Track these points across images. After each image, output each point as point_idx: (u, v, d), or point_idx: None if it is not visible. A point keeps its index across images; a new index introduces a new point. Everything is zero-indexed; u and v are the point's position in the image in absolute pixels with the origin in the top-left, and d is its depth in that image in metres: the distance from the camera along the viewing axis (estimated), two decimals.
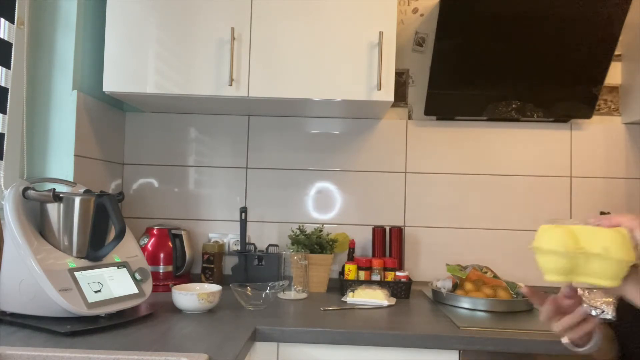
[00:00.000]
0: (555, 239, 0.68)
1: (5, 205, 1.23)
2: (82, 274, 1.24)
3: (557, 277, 0.70)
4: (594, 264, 0.67)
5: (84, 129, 1.65)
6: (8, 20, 1.46)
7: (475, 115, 1.92)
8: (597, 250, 0.66)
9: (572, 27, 1.72)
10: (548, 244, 0.69)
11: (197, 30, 1.61)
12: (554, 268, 0.69)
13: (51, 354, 1.00)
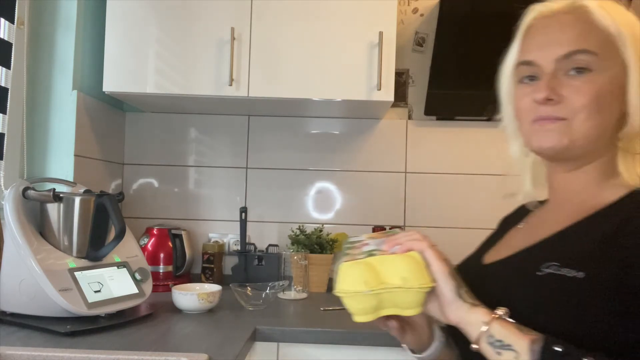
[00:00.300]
0: (358, 279, 0.66)
1: (5, 205, 1.23)
2: (82, 274, 1.24)
3: (367, 317, 0.68)
4: (397, 296, 0.66)
5: (84, 129, 1.65)
6: (8, 20, 1.46)
7: (475, 115, 1.92)
8: (397, 282, 0.65)
9: None
10: (352, 286, 0.66)
11: (197, 30, 1.61)
12: (362, 309, 0.67)
13: (51, 354, 1.00)
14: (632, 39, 0.71)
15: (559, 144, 0.71)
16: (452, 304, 0.65)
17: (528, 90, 0.75)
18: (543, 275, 0.66)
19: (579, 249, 0.66)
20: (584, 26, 0.71)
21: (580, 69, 0.70)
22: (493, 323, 0.63)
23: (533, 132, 0.74)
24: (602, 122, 0.70)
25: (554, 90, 0.70)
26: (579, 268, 0.63)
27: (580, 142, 0.71)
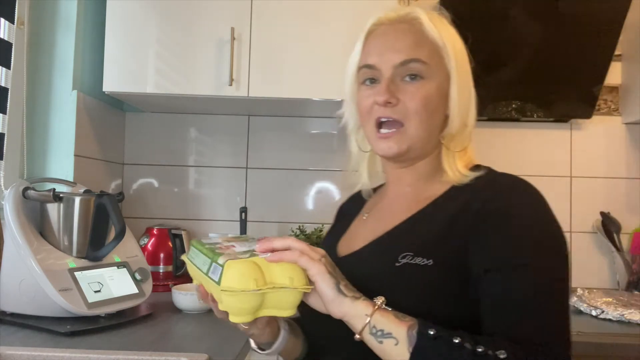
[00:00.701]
0: (248, 277, 0.63)
1: (5, 205, 1.23)
2: (82, 274, 1.24)
3: (245, 318, 0.66)
4: (280, 296, 0.65)
5: (84, 129, 1.65)
6: (8, 20, 1.46)
7: None
8: (285, 282, 0.65)
9: (572, 27, 1.72)
10: (241, 284, 0.63)
11: (197, 30, 1.61)
12: (244, 308, 0.65)
13: (51, 354, 1.00)
14: (453, 51, 0.84)
15: (400, 150, 0.81)
16: (334, 300, 0.67)
17: (370, 92, 0.83)
18: (400, 265, 0.72)
19: (426, 238, 0.74)
20: (417, 36, 0.81)
21: (413, 75, 0.80)
22: (375, 314, 0.66)
23: (378, 140, 0.82)
24: (431, 124, 0.82)
25: (392, 94, 0.79)
26: (428, 256, 0.71)
27: (417, 144, 0.82)
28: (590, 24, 1.71)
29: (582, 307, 1.48)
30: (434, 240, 0.73)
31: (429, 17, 0.83)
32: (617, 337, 1.24)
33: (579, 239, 1.93)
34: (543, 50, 1.76)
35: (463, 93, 0.85)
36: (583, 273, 1.92)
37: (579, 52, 1.76)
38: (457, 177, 0.81)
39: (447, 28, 0.85)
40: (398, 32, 0.82)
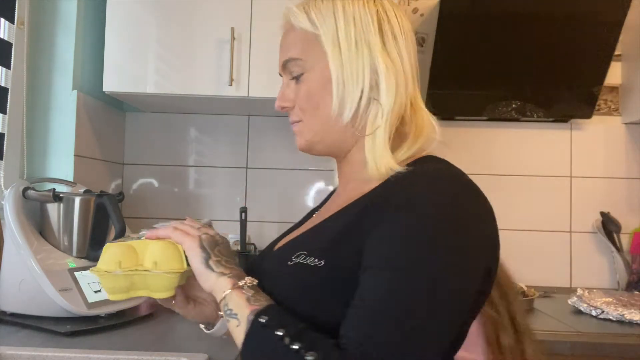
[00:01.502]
0: (113, 260, 0.69)
1: (5, 205, 1.23)
2: (82, 274, 1.24)
3: (119, 296, 0.71)
4: (148, 279, 0.70)
5: (84, 129, 1.65)
6: (8, 20, 1.46)
7: (475, 115, 1.92)
8: (149, 265, 0.69)
9: (572, 27, 1.72)
10: (107, 266, 0.69)
11: (197, 30, 1.61)
12: (114, 287, 0.70)
13: (51, 354, 1.00)
14: (331, 29, 0.73)
15: (303, 144, 0.81)
16: (202, 274, 0.68)
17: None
18: (292, 264, 0.69)
19: (326, 238, 0.69)
20: (291, 34, 0.77)
21: (295, 75, 0.77)
22: (231, 292, 0.66)
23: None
24: (322, 114, 0.75)
25: (285, 99, 0.79)
26: (320, 256, 0.66)
27: (316, 137, 0.78)
28: (590, 24, 1.71)
29: (582, 307, 1.48)
30: (333, 240, 0.68)
31: (298, 5, 0.77)
32: (617, 337, 1.24)
33: (579, 239, 1.93)
34: (543, 50, 1.76)
35: (346, 68, 0.72)
36: (583, 273, 1.92)
37: (579, 52, 1.76)
38: (381, 170, 0.71)
39: (327, 8, 0.74)
40: (282, 37, 0.80)
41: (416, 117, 0.79)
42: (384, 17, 0.74)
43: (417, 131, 0.78)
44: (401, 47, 0.74)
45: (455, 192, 0.67)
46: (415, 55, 0.78)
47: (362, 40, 0.73)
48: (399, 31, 0.75)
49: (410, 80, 0.75)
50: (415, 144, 0.77)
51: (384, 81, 0.72)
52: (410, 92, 0.76)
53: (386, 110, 0.72)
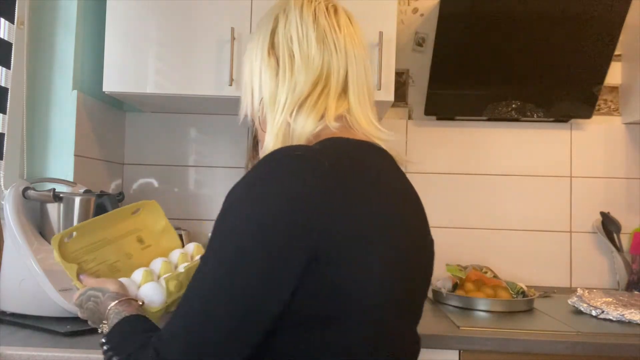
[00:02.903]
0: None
1: (5, 205, 1.23)
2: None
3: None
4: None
5: (84, 129, 1.65)
6: (8, 20, 1.46)
7: (475, 115, 1.92)
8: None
9: (572, 27, 1.72)
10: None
11: (198, 31, 1.61)
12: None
13: (51, 354, 1.00)
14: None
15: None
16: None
17: None
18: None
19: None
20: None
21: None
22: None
23: None
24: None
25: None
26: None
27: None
28: (590, 24, 1.71)
29: (582, 307, 1.47)
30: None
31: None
32: (617, 337, 1.24)
33: (579, 239, 1.93)
34: (543, 50, 1.76)
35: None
36: (583, 273, 1.92)
37: (579, 52, 1.76)
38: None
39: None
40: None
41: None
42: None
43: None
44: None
45: (262, 179, 0.63)
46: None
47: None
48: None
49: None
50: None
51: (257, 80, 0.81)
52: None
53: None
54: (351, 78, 0.78)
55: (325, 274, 0.61)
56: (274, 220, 0.60)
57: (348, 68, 0.77)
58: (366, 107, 0.80)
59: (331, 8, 0.80)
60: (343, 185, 0.64)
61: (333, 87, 0.76)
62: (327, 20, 0.77)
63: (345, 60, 0.77)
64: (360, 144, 0.74)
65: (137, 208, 1.03)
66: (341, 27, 0.78)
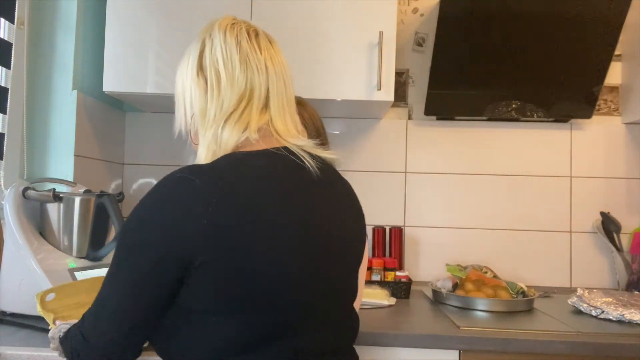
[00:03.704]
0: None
1: (5, 205, 1.23)
2: (82, 274, 1.24)
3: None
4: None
5: (84, 129, 1.65)
6: (8, 20, 1.46)
7: (475, 115, 1.92)
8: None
9: (572, 27, 1.72)
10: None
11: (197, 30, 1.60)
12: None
13: (51, 354, 1.01)
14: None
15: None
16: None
17: None
18: None
19: None
20: None
21: None
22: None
23: None
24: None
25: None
26: None
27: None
28: (590, 24, 1.71)
29: (582, 307, 1.48)
30: None
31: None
32: (617, 337, 1.24)
33: (579, 239, 1.93)
34: (543, 50, 1.76)
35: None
36: (583, 273, 1.92)
37: (579, 52, 1.76)
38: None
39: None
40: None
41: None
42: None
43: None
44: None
45: (157, 192, 0.76)
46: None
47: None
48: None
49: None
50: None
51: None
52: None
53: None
54: (272, 93, 0.87)
55: (205, 275, 0.72)
56: (151, 233, 0.74)
57: (269, 85, 0.87)
58: (285, 117, 0.89)
59: (252, 32, 0.91)
60: (215, 200, 0.73)
61: (255, 102, 0.86)
62: (248, 44, 0.88)
63: (267, 78, 0.87)
64: (258, 154, 0.83)
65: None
66: (262, 49, 0.88)
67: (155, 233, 0.73)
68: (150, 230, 0.73)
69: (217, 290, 0.73)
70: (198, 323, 0.75)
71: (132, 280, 0.74)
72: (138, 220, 0.75)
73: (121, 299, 0.75)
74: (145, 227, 0.74)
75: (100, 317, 0.77)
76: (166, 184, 0.76)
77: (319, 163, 0.87)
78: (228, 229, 0.72)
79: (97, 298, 0.78)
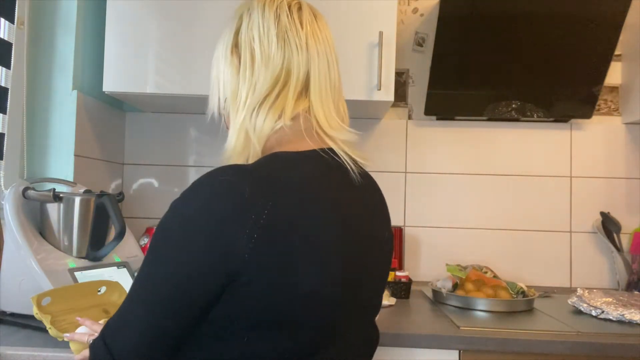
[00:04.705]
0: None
1: (5, 205, 1.23)
2: (82, 274, 1.24)
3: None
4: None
5: (84, 129, 1.65)
6: (8, 20, 1.46)
7: (475, 115, 1.92)
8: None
9: (572, 27, 1.72)
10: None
11: (197, 30, 1.61)
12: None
13: (51, 354, 1.01)
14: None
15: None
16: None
17: None
18: None
19: None
20: None
21: None
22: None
23: None
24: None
25: None
26: None
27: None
28: (590, 24, 1.71)
29: (582, 307, 1.48)
30: None
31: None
32: (617, 337, 1.24)
33: (579, 239, 1.93)
34: (543, 50, 1.76)
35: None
36: (583, 273, 1.92)
37: (579, 52, 1.76)
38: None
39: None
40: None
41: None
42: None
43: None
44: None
45: (188, 200, 0.67)
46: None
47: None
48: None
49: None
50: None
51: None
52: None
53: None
54: (313, 77, 0.78)
55: (248, 291, 0.64)
56: (192, 245, 0.64)
57: (310, 66, 0.78)
58: (329, 104, 0.80)
59: (294, 6, 0.80)
60: (264, 207, 0.64)
61: (292, 86, 0.77)
62: (288, 18, 0.78)
63: (307, 58, 0.77)
64: (306, 157, 0.75)
65: (102, 286, 1.16)
66: (304, 24, 0.78)
67: (203, 236, 0.64)
68: (198, 232, 0.64)
69: (255, 308, 0.65)
70: (231, 339, 0.67)
71: (167, 282, 0.66)
72: (182, 218, 0.66)
73: (150, 304, 0.67)
74: (191, 228, 0.65)
75: (125, 323, 0.69)
76: (209, 186, 0.66)
77: (359, 168, 0.80)
78: (277, 246, 0.64)
79: (125, 301, 0.70)
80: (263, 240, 0.63)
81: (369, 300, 0.82)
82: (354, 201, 0.78)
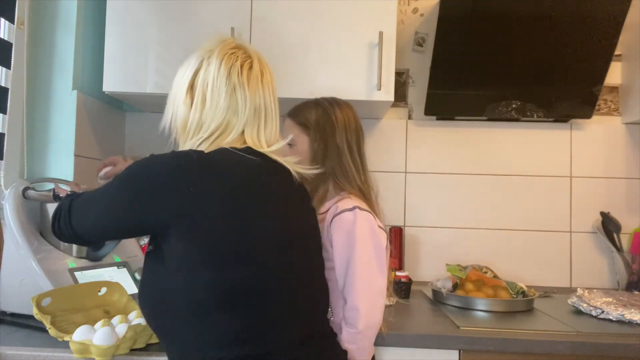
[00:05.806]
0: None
1: (5, 205, 1.23)
2: (82, 274, 1.24)
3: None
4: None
5: (84, 129, 1.65)
6: (8, 20, 1.46)
7: (475, 115, 1.92)
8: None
9: (572, 27, 1.72)
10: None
11: (197, 30, 1.61)
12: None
13: (51, 354, 1.01)
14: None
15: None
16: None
17: None
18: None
19: None
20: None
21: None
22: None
23: None
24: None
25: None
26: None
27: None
28: (590, 24, 1.71)
29: (582, 307, 1.48)
30: None
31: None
32: (617, 337, 1.24)
33: (579, 239, 1.93)
34: (543, 50, 1.76)
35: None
36: (583, 273, 1.92)
37: (579, 52, 1.76)
38: None
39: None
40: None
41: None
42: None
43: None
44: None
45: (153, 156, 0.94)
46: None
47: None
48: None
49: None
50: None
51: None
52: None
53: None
54: (247, 129, 0.96)
55: (189, 231, 0.85)
56: (150, 179, 0.88)
57: (247, 119, 0.96)
58: (261, 145, 0.98)
59: (246, 65, 0.98)
60: (204, 172, 0.87)
61: (232, 132, 0.95)
62: (239, 77, 0.96)
63: (246, 113, 0.96)
64: (244, 149, 0.95)
65: (103, 287, 1.20)
66: (250, 83, 0.96)
67: (153, 183, 0.86)
68: (152, 178, 0.87)
69: (196, 246, 0.84)
70: (178, 272, 0.85)
71: (116, 205, 0.88)
72: (144, 166, 0.90)
73: (103, 214, 0.90)
74: (147, 175, 0.88)
75: (86, 213, 0.92)
76: (172, 153, 0.92)
77: (280, 165, 1.01)
78: (213, 196, 0.85)
79: (93, 195, 0.92)
80: (202, 189, 0.85)
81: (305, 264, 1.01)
82: (286, 188, 0.99)
